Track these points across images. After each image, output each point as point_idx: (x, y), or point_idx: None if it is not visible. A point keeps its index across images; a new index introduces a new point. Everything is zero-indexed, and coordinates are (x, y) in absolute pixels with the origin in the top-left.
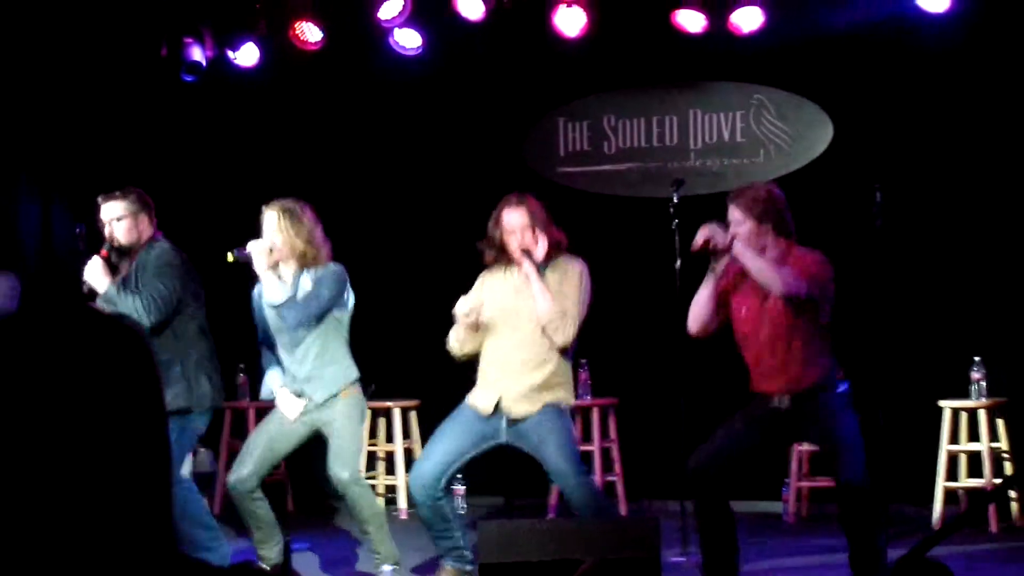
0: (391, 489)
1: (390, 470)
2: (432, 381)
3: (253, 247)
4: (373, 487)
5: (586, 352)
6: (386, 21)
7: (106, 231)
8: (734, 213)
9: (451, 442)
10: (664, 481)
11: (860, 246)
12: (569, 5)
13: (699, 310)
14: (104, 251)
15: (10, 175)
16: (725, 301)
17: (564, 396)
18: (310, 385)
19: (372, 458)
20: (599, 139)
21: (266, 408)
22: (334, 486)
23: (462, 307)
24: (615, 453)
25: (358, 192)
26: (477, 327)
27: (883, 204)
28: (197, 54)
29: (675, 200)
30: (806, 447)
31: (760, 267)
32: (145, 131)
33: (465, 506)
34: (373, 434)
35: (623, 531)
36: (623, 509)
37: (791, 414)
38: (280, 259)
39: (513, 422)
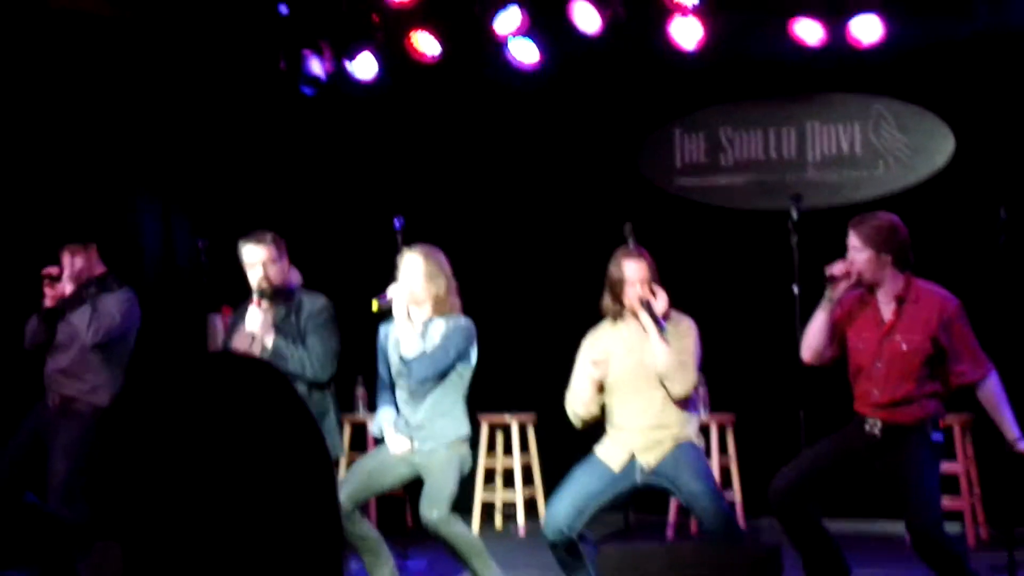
0: (509, 505)
1: (508, 484)
2: (550, 394)
3: (394, 292)
4: (491, 504)
5: (703, 367)
6: (503, 34)
7: (250, 274)
8: (853, 240)
9: (585, 486)
10: None
11: (982, 263)
12: (685, 16)
13: (813, 339)
14: (257, 299)
15: (131, 187)
16: (840, 331)
17: (692, 437)
18: (420, 432)
19: (491, 474)
20: (716, 151)
21: None
22: (425, 526)
23: (588, 365)
24: (734, 469)
25: (476, 203)
26: (602, 387)
27: (1007, 221)
28: (316, 67)
29: (794, 216)
30: None
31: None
32: (265, 144)
33: None
34: (492, 447)
35: (744, 557)
36: (742, 526)
37: (879, 444)
38: (415, 303)
39: (647, 470)
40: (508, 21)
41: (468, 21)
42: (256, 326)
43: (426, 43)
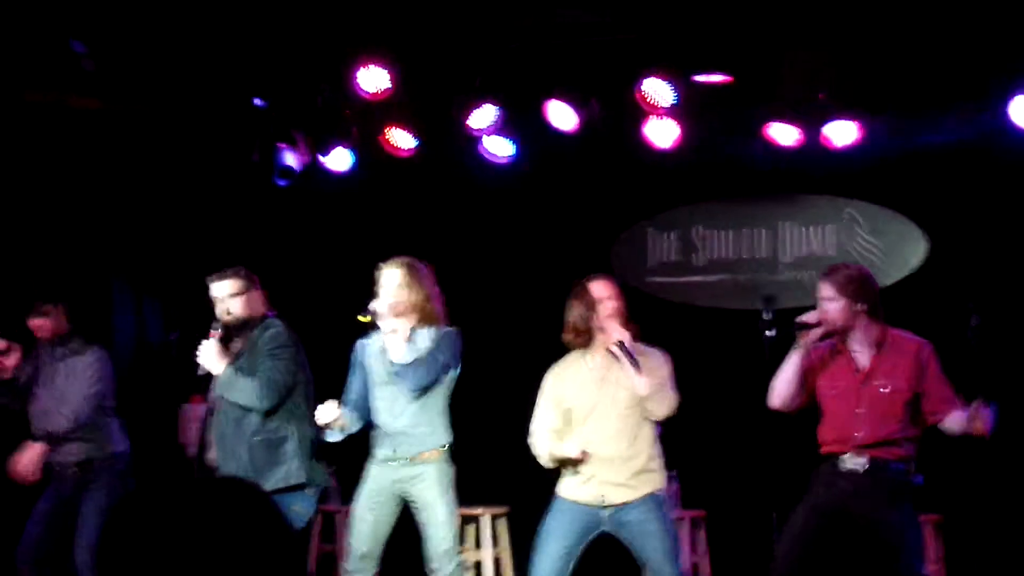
0: None
1: None
2: (521, 487)
3: (377, 306)
4: None
5: (675, 463)
6: (477, 130)
7: (217, 310)
8: (826, 290)
9: (559, 544)
10: None
11: (954, 368)
12: (660, 117)
13: (783, 386)
14: (215, 332)
15: (104, 280)
16: (810, 380)
17: (660, 481)
18: (401, 440)
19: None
20: (688, 250)
21: None
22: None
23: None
24: (705, 566)
25: (447, 296)
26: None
27: (980, 326)
28: (290, 159)
29: (766, 317)
30: None
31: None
32: (239, 235)
33: None
34: (462, 541)
35: None
36: None
37: (862, 479)
38: (398, 315)
39: (614, 509)
40: (483, 117)
41: (442, 116)
42: (205, 357)
43: (400, 138)
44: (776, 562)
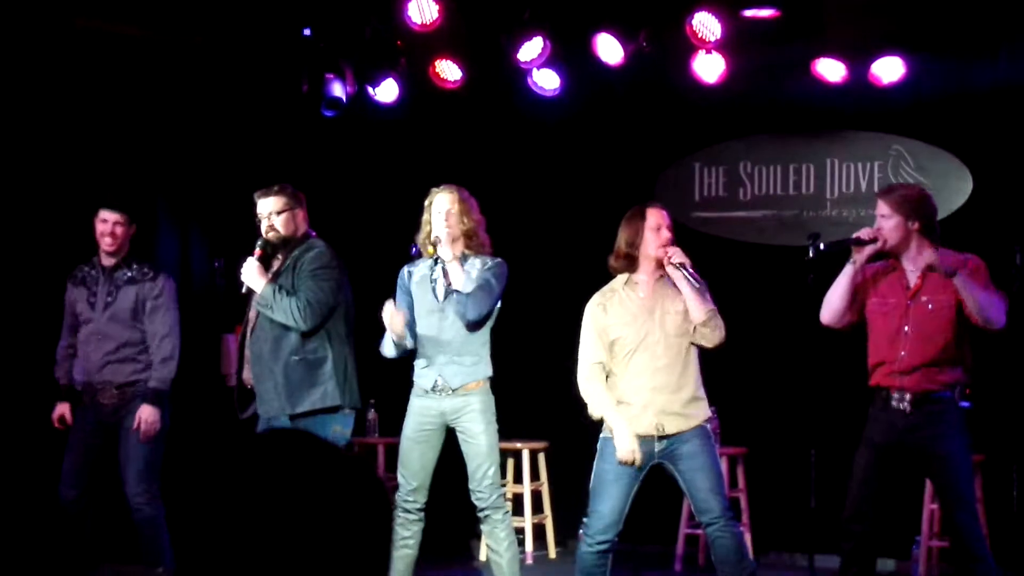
0: (518, 531)
1: (517, 511)
2: (561, 422)
3: (438, 233)
4: None
5: (716, 400)
6: (525, 62)
7: (262, 227)
8: (882, 207)
9: (619, 486)
10: (793, 533)
11: None
12: (708, 52)
13: (835, 301)
14: (259, 250)
15: (149, 206)
16: (861, 298)
17: (707, 409)
18: (447, 370)
19: None
20: (735, 185)
21: (393, 445)
22: (476, 505)
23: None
24: (743, 503)
25: (493, 230)
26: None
27: (1022, 266)
28: (338, 90)
29: (811, 254)
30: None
31: (980, 298)
32: (285, 165)
33: None
34: (503, 474)
35: None
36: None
37: (910, 418)
38: (451, 240)
39: (668, 441)
40: (531, 49)
41: (491, 48)
42: (247, 274)
43: (448, 69)
44: (847, 505)
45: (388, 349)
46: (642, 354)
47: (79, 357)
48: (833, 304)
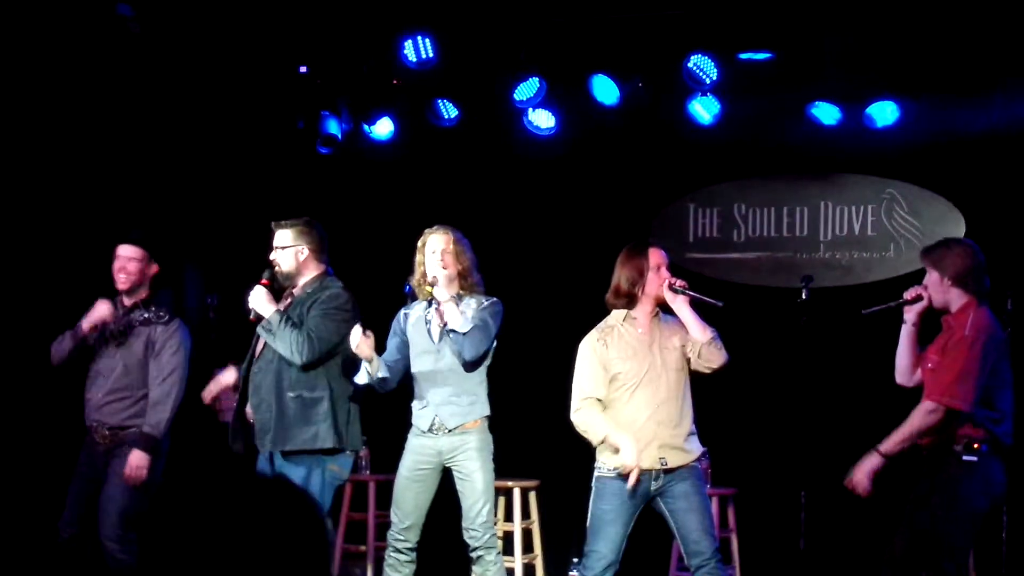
0: (509, 571)
1: (508, 550)
2: (552, 461)
3: (435, 273)
4: None
5: (707, 440)
6: (521, 102)
7: (272, 257)
8: (924, 263)
9: (618, 526)
10: (782, 574)
11: None
12: (704, 94)
13: (899, 361)
14: (265, 279)
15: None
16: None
17: (700, 446)
18: (444, 410)
19: None
20: (729, 226)
21: (384, 483)
22: (468, 544)
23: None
24: (734, 544)
25: (487, 268)
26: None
27: (1014, 312)
28: (333, 127)
29: (804, 296)
30: None
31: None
32: (280, 201)
33: None
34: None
35: None
36: None
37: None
38: (447, 281)
39: (666, 476)
40: (526, 89)
41: (487, 87)
42: (255, 301)
43: (444, 107)
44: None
45: (361, 377)
46: (645, 388)
47: (87, 392)
48: (897, 364)
